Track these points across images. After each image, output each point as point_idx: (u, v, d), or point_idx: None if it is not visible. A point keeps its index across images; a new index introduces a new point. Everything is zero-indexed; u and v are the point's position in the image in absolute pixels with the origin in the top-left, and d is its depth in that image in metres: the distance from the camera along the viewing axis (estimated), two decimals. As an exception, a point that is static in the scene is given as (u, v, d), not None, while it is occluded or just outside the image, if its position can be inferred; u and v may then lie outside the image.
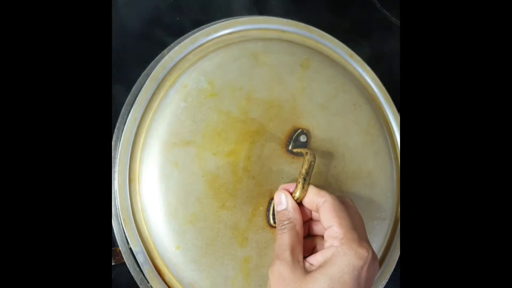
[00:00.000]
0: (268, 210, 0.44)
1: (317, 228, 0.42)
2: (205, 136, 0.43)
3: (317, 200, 0.39)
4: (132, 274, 0.45)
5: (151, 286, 0.44)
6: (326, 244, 0.37)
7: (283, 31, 0.49)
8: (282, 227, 0.39)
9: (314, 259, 0.37)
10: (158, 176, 0.43)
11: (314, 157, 0.42)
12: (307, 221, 0.42)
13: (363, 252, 0.35)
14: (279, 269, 0.36)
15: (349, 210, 0.39)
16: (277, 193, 0.42)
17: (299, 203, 0.41)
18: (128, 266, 0.44)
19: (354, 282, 0.34)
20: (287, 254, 0.37)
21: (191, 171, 0.43)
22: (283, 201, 0.40)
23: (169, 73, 0.46)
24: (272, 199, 0.44)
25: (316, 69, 0.47)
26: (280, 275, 0.36)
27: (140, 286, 0.45)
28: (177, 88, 0.44)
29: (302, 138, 0.45)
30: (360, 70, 0.51)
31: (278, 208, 0.41)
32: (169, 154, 0.43)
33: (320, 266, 0.35)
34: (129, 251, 0.44)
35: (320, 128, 0.46)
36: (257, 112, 0.45)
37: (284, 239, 0.38)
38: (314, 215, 0.41)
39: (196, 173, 0.43)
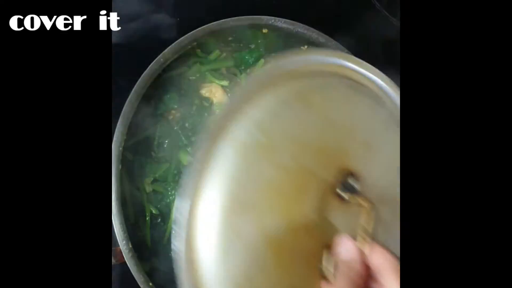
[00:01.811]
0: (325, 263, 0.42)
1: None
2: (264, 195, 0.40)
3: (378, 257, 0.36)
4: (133, 273, 0.44)
5: (152, 286, 0.43)
6: None
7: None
8: (346, 280, 0.36)
9: None
10: (217, 248, 0.40)
11: (375, 208, 0.39)
12: None
13: None
14: None
15: None
16: (344, 240, 0.38)
17: None
18: (128, 266, 0.44)
19: None
20: None
21: (253, 238, 0.38)
22: (351, 251, 0.37)
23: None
24: (327, 250, 0.40)
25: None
26: None
27: (141, 286, 0.44)
28: (230, 144, 0.40)
29: (357, 185, 0.42)
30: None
31: (344, 256, 0.37)
32: (227, 222, 0.40)
33: None
34: (129, 250, 0.43)
35: (372, 170, 0.42)
36: (311, 160, 0.41)
37: None
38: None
39: (258, 239, 0.38)
